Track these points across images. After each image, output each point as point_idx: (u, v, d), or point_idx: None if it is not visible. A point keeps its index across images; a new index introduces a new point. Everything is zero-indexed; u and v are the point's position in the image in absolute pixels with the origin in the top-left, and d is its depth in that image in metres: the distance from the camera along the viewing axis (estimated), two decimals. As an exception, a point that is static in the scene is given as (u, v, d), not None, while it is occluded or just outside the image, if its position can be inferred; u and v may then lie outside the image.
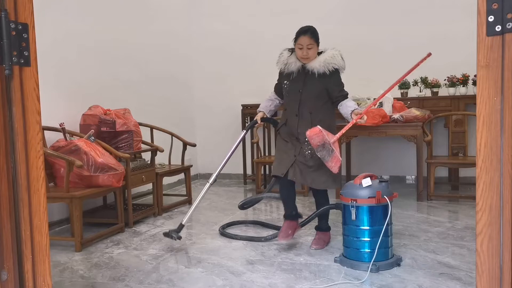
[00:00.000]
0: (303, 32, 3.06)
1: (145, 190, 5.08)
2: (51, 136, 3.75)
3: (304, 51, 3.04)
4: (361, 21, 5.78)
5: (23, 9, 1.29)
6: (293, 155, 3.13)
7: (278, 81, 3.34)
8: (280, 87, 3.29)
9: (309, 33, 3.05)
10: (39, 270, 1.36)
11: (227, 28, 6.29)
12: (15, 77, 1.28)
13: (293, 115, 3.16)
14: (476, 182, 1.19)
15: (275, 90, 3.39)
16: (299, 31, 3.09)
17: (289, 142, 3.19)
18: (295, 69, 3.13)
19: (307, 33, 3.04)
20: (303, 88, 3.11)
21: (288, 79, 3.18)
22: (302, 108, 3.12)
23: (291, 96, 3.17)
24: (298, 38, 3.07)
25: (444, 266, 2.84)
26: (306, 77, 3.11)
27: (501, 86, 1.13)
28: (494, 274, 1.18)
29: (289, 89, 3.18)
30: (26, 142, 1.32)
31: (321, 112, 3.13)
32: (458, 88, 5.32)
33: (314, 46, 3.06)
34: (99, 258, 3.15)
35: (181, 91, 6.22)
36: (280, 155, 3.24)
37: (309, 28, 3.09)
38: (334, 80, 3.10)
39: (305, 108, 3.12)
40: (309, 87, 3.10)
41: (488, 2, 1.12)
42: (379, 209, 2.81)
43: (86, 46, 4.36)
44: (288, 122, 3.20)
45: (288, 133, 3.21)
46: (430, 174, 4.71)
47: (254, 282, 2.66)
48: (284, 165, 3.14)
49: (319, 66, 3.05)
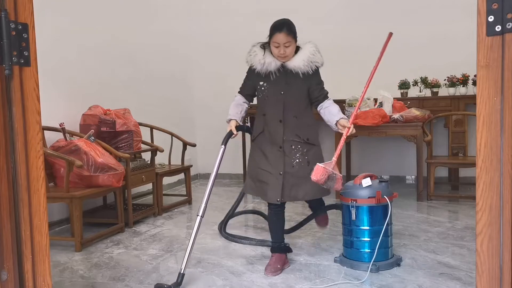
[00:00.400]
0: (278, 29, 2.67)
1: (145, 190, 5.08)
2: (51, 136, 3.75)
3: (281, 49, 2.68)
4: (361, 21, 5.78)
5: (23, 9, 1.29)
6: (279, 173, 2.73)
7: (248, 81, 2.90)
8: (252, 88, 2.87)
9: (285, 30, 2.66)
10: (39, 270, 1.36)
11: (227, 28, 6.29)
12: (15, 77, 1.28)
13: (275, 121, 2.76)
14: (476, 182, 1.19)
15: (242, 92, 2.93)
16: (274, 27, 2.70)
17: (269, 156, 2.78)
18: (274, 69, 2.75)
19: (283, 30, 2.66)
20: (285, 90, 2.75)
21: (266, 80, 2.78)
22: (286, 113, 2.75)
23: (271, 99, 2.77)
24: (273, 35, 2.69)
25: (444, 266, 2.84)
26: (287, 78, 2.75)
27: (501, 86, 1.13)
28: (494, 274, 1.18)
29: (269, 92, 2.78)
30: (26, 142, 1.32)
31: (305, 116, 2.81)
32: (458, 88, 5.32)
33: (292, 43, 2.69)
34: (99, 258, 3.15)
35: (181, 91, 6.22)
36: (260, 173, 2.80)
37: (285, 22, 2.71)
38: (316, 78, 2.80)
39: (290, 113, 2.75)
40: (292, 89, 2.75)
41: (488, 2, 1.12)
42: (379, 209, 2.81)
43: (86, 46, 4.36)
44: (269, 129, 2.79)
45: (269, 143, 2.80)
46: (430, 174, 4.71)
47: (254, 282, 2.66)
48: (275, 189, 2.73)
49: (303, 65, 2.73)
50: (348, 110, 5.02)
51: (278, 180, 2.74)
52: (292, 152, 2.76)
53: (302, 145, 2.77)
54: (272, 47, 2.72)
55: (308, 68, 2.74)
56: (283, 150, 2.76)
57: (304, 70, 2.73)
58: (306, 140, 2.77)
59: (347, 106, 5.05)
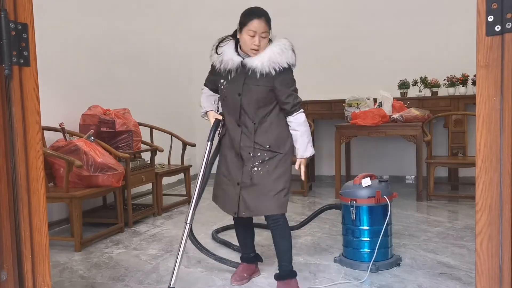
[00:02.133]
0: (257, 15, 2.30)
1: (145, 190, 5.08)
2: (50, 136, 3.75)
3: (256, 39, 2.30)
4: (360, 21, 5.77)
5: (22, 9, 1.29)
6: (237, 183, 2.43)
7: (211, 76, 2.59)
8: (214, 83, 2.56)
9: (265, 17, 2.31)
10: (38, 270, 1.36)
11: (227, 27, 6.26)
12: (15, 77, 1.28)
13: (234, 124, 2.45)
14: (476, 182, 1.19)
15: (207, 85, 2.64)
16: (251, 12, 2.33)
17: (228, 162, 2.49)
18: (233, 67, 2.39)
19: (262, 16, 2.30)
20: (243, 92, 2.38)
21: (225, 78, 2.45)
22: (244, 117, 2.41)
23: (229, 100, 2.44)
24: (249, 22, 2.30)
25: (443, 266, 2.84)
26: (246, 78, 2.37)
27: (500, 86, 1.13)
28: (493, 274, 1.18)
29: (227, 92, 2.45)
30: (26, 142, 1.32)
31: (268, 123, 2.40)
32: (458, 88, 5.33)
33: (267, 35, 2.34)
34: (99, 258, 3.15)
35: (181, 91, 6.22)
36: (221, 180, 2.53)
37: (264, 11, 2.36)
38: (283, 83, 2.35)
39: (247, 117, 2.40)
40: (251, 91, 2.37)
41: (487, 2, 1.12)
42: (379, 209, 2.81)
43: (86, 46, 4.36)
44: (229, 132, 2.49)
45: (230, 147, 2.50)
46: (430, 174, 4.71)
47: (254, 282, 2.66)
48: (231, 202, 2.46)
49: (261, 65, 2.31)
50: (348, 110, 5.03)
51: (235, 190, 2.44)
52: (250, 160, 2.41)
53: (262, 153, 2.41)
54: (245, 36, 2.32)
55: (270, 68, 2.31)
56: (241, 157, 2.43)
57: (263, 71, 2.32)
58: (267, 148, 2.40)
59: (347, 106, 5.05)
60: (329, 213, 3.77)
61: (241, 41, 2.37)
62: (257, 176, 2.40)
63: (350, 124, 4.84)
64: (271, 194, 2.37)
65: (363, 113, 4.75)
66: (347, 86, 5.43)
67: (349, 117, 4.93)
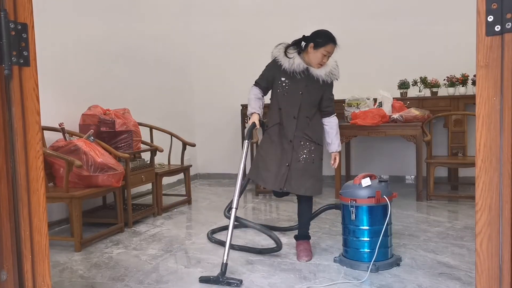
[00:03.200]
0: (333, 41, 2.92)
1: (145, 190, 5.07)
2: (50, 136, 3.75)
3: (326, 58, 2.94)
4: (360, 20, 5.78)
5: (22, 9, 1.29)
6: (286, 164, 2.97)
7: (267, 73, 3.07)
8: (270, 81, 3.05)
9: (336, 44, 2.94)
10: (38, 270, 1.36)
11: (227, 27, 6.29)
12: (15, 77, 1.28)
13: (290, 117, 2.98)
14: (476, 182, 1.19)
15: (260, 84, 3.09)
16: (329, 37, 2.93)
17: (278, 147, 3.01)
18: (300, 70, 2.95)
19: (336, 43, 2.93)
20: (304, 92, 2.97)
21: (288, 77, 2.98)
22: (301, 112, 2.98)
23: (290, 97, 2.98)
24: (327, 45, 2.90)
25: (443, 266, 2.84)
26: (308, 81, 2.97)
27: (500, 86, 1.14)
28: (493, 274, 1.18)
29: (289, 89, 2.98)
30: (26, 142, 1.32)
31: (315, 120, 3.05)
32: (458, 88, 5.33)
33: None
34: (99, 258, 3.15)
35: (181, 91, 6.22)
36: (268, 163, 3.03)
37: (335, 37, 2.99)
38: (329, 91, 3.06)
39: (303, 113, 2.98)
40: (310, 92, 2.98)
41: (487, 2, 1.12)
42: (379, 209, 2.81)
43: (86, 46, 4.36)
44: (283, 123, 3.01)
45: (281, 135, 3.01)
46: (430, 174, 4.71)
47: (254, 282, 2.66)
48: (278, 178, 2.98)
49: (324, 75, 2.97)
50: (348, 110, 5.03)
51: (283, 170, 2.97)
52: (300, 148, 2.98)
53: (310, 143, 3.00)
54: (318, 54, 2.92)
55: (328, 78, 2.99)
56: (293, 145, 2.98)
57: (324, 79, 2.98)
58: (314, 140, 3.00)
59: (347, 106, 5.05)
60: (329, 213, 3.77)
61: (312, 55, 2.94)
62: (305, 162, 2.98)
63: (350, 124, 4.85)
64: (313, 179, 2.99)
65: (363, 113, 4.75)
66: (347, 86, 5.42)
67: (349, 117, 4.93)
